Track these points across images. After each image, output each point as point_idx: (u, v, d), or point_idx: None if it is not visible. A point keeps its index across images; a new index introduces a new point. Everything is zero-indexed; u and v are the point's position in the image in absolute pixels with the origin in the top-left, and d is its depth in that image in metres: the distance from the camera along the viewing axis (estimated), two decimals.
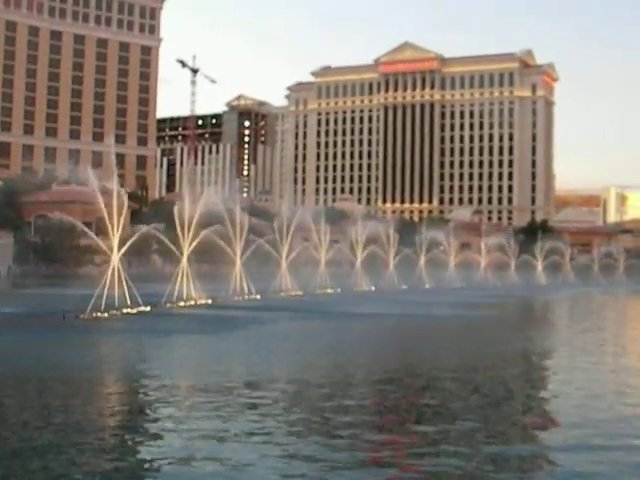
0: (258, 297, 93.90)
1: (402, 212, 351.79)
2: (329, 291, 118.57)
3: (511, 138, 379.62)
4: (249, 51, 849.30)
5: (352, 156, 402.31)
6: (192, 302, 79.13)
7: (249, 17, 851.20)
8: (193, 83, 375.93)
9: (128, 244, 74.13)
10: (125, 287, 69.26)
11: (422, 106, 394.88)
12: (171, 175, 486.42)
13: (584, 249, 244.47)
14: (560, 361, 45.71)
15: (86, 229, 75.06)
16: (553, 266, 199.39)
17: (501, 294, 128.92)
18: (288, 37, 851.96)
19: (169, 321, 65.21)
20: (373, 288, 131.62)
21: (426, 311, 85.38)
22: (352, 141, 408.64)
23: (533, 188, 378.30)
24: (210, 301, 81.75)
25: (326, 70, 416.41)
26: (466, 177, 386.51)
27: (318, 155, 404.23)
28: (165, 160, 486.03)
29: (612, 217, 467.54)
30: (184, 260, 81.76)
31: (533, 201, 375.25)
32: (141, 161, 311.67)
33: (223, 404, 28.90)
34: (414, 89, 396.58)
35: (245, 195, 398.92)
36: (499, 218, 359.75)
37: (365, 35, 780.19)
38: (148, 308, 70.11)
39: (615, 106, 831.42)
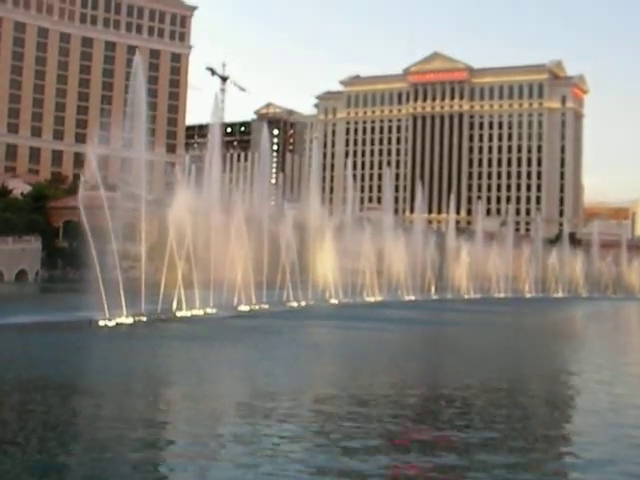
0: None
1: (429, 222, 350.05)
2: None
3: (540, 150, 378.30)
4: (278, 59, 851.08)
5: (380, 165, 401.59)
6: (217, 310, 78.94)
7: (279, 26, 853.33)
8: (222, 91, 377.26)
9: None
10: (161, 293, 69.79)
11: (451, 116, 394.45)
12: (199, 182, 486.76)
13: (612, 262, 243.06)
14: None
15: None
16: (584, 278, 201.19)
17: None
18: (317, 46, 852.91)
19: (194, 327, 65.32)
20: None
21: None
22: (380, 151, 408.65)
23: (561, 200, 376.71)
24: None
25: (355, 79, 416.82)
26: (494, 188, 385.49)
27: (346, 164, 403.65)
28: (193, 167, 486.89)
29: None
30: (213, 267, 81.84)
31: (561, 213, 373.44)
32: (170, 168, 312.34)
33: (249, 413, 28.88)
34: (443, 99, 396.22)
35: (272, 203, 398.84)
36: (527, 230, 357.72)
37: (394, 45, 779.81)
38: (172, 314, 70.39)
39: None
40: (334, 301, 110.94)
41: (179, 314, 72.39)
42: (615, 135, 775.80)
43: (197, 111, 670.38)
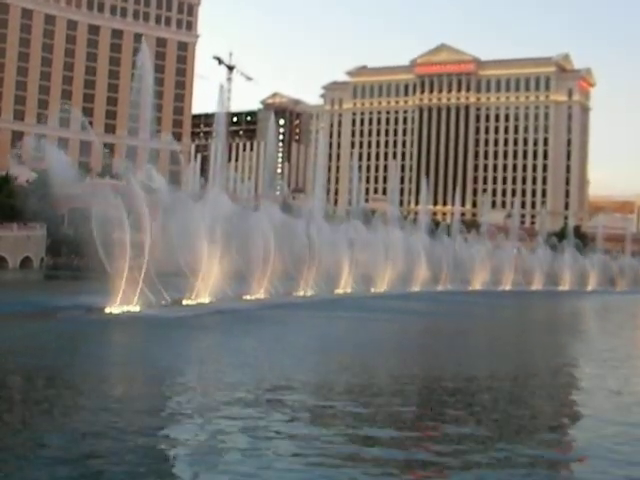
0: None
1: (434, 214, 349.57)
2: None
3: (546, 143, 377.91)
4: (285, 49, 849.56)
5: (386, 157, 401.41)
6: (223, 299, 78.85)
7: (286, 15, 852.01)
8: (229, 80, 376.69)
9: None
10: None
11: (457, 108, 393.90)
12: (205, 171, 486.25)
13: (617, 255, 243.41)
14: None
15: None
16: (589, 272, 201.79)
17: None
18: (324, 36, 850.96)
19: (200, 316, 65.45)
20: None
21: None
22: (386, 142, 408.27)
23: (567, 193, 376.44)
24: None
25: (362, 70, 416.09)
26: (499, 181, 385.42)
27: (352, 155, 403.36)
28: (199, 156, 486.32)
29: None
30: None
31: (566, 206, 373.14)
32: (175, 156, 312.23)
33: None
34: (450, 91, 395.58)
35: (278, 193, 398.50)
36: (532, 222, 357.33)
37: (401, 36, 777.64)
38: (178, 302, 70.56)
39: None
40: (339, 291, 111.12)
41: (185, 302, 72.48)
42: (621, 128, 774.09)
43: (203, 100, 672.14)
